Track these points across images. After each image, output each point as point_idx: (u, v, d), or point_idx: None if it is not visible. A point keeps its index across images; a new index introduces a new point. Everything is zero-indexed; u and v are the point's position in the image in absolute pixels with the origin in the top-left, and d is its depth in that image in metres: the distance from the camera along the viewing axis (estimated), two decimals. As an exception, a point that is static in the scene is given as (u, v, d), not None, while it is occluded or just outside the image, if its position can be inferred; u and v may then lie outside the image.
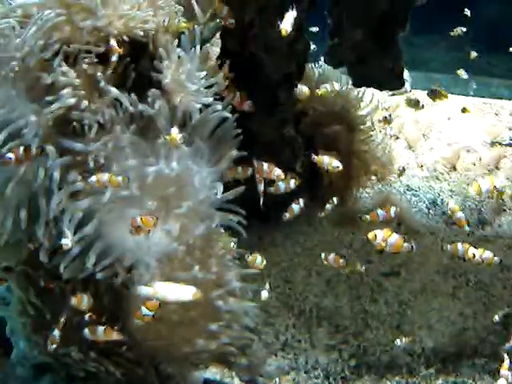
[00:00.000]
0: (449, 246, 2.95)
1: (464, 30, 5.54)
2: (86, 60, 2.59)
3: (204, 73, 2.72)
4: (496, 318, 3.34)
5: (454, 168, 5.10)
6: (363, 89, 4.46)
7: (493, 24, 6.89)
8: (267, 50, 3.67)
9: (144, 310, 2.49)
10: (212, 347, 2.98)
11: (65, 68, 2.54)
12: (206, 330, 2.93)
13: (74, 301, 2.62)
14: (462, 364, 3.48)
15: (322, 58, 3.73)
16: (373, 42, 3.45)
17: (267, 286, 3.12)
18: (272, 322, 3.69)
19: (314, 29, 4.19)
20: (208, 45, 2.87)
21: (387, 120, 4.72)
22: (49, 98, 2.51)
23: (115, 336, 2.62)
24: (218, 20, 2.92)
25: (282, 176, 2.94)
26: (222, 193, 2.89)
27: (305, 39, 3.76)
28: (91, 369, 2.86)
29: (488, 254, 2.87)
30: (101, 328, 2.61)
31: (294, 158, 4.10)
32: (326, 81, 4.39)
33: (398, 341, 3.30)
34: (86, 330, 2.61)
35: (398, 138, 5.39)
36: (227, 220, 2.94)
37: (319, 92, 3.62)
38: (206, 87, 2.76)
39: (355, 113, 4.48)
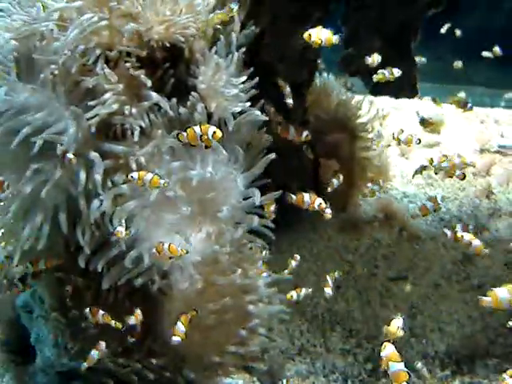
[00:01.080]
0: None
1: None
2: (128, 64, 2.61)
3: (241, 79, 2.77)
4: (510, 323, 3.45)
5: (451, 176, 5.22)
6: (363, 97, 4.57)
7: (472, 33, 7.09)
8: (279, 58, 3.73)
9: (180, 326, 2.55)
10: (241, 352, 3.02)
11: (107, 71, 2.56)
12: (236, 335, 2.97)
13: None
14: (476, 365, 3.58)
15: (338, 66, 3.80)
16: (389, 50, 3.55)
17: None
18: (286, 328, 3.74)
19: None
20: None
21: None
22: (91, 103, 2.52)
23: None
24: (252, 27, 2.97)
25: (323, 206, 3.01)
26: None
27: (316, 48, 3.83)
28: (124, 374, 2.85)
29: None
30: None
31: (301, 166, 4.17)
32: (328, 89, 4.51)
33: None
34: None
35: (389, 145, 5.49)
36: (256, 224, 3.00)
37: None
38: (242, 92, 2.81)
39: (356, 120, 4.57)
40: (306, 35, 2.79)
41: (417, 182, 5.19)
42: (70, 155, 2.43)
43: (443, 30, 5.25)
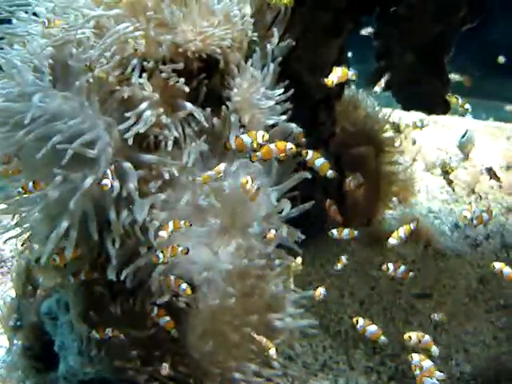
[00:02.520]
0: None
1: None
2: (164, 74, 2.62)
3: (277, 91, 2.78)
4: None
5: (473, 191, 5.22)
6: (390, 110, 4.57)
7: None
8: (310, 70, 3.73)
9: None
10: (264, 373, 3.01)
11: (143, 81, 2.57)
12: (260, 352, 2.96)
13: None
14: (502, 388, 3.56)
15: (369, 80, 3.80)
16: (423, 65, 3.54)
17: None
18: (309, 343, 3.73)
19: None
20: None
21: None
22: (128, 114, 2.52)
23: None
24: (289, 40, 2.97)
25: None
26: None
27: (346, 60, 3.84)
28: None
29: None
30: None
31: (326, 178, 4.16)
32: (356, 101, 4.52)
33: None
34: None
35: (414, 159, 5.49)
36: (285, 238, 2.99)
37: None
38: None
39: (383, 134, 4.57)
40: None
41: (442, 198, 5.17)
42: (106, 181, 2.42)
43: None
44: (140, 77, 2.60)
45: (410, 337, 2.77)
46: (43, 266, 2.81)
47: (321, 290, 3.07)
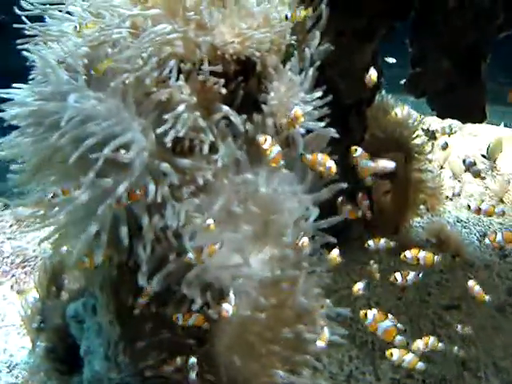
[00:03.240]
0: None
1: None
2: (201, 77, 2.58)
3: (315, 95, 2.73)
4: None
5: (502, 201, 5.16)
6: (422, 116, 4.52)
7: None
8: (343, 75, 3.68)
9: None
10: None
11: (181, 83, 2.53)
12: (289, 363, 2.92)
13: None
14: (533, 405, 3.50)
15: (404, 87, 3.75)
16: (459, 72, 3.49)
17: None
18: (335, 352, 3.68)
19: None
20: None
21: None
22: (166, 116, 2.49)
23: None
24: (328, 44, 2.93)
25: None
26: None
27: (378, 66, 3.79)
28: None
29: None
30: None
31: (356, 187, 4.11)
32: (387, 107, 4.46)
33: None
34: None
35: (442, 167, 5.44)
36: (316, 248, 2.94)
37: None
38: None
39: (413, 141, 4.51)
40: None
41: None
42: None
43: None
44: (177, 79, 2.55)
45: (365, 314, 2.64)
46: (71, 269, 2.77)
47: (359, 286, 3.01)
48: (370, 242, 3.07)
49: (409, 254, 3.00)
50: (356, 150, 2.73)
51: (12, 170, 2.68)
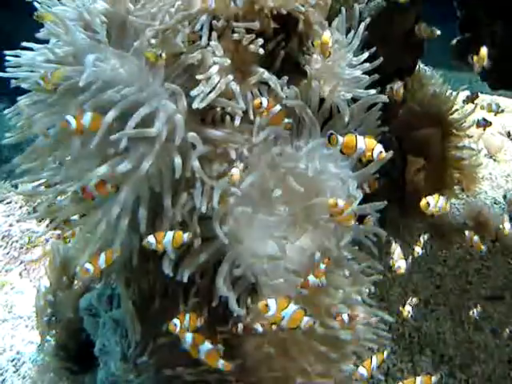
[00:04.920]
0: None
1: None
2: (236, 35, 2.27)
3: (363, 56, 2.42)
4: None
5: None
6: (460, 89, 4.20)
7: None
8: (383, 40, 3.37)
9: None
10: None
11: (214, 44, 2.23)
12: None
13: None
14: None
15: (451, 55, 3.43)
16: (514, 36, 3.17)
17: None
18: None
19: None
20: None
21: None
22: (200, 77, 2.18)
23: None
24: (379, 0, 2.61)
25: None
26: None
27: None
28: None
29: None
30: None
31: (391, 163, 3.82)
32: (424, 79, 4.15)
33: None
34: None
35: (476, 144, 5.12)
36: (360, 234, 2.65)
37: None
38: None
39: (451, 116, 4.20)
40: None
41: (508, 187, 4.81)
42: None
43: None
44: (209, 37, 2.24)
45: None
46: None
47: (401, 264, 2.71)
48: (430, 200, 2.70)
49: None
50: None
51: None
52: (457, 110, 4.18)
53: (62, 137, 2.18)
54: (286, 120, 2.28)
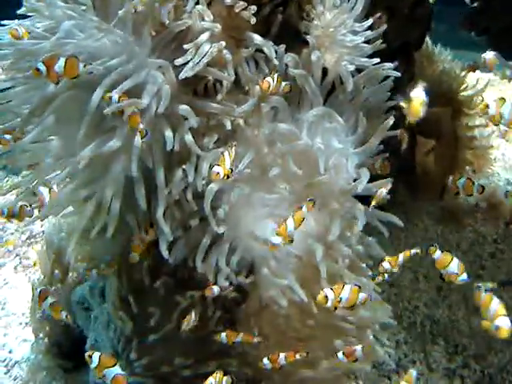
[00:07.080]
0: None
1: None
2: (228, 0, 2.12)
3: (367, 23, 2.27)
4: None
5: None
6: (468, 64, 4.05)
7: None
8: (388, 11, 3.22)
9: None
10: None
11: (200, 7, 2.08)
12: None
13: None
14: None
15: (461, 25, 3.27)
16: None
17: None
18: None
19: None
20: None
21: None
22: (187, 46, 2.03)
23: None
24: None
25: None
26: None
27: (428, 3, 3.33)
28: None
29: None
30: None
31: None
32: (433, 55, 4.02)
33: None
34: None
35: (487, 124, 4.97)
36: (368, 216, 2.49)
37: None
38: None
39: (462, 93, 4.05)
40: None
41: (520, 168, 4.68)
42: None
43: None
44: (197, 3, 2.09)
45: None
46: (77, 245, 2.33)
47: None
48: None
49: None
50: None
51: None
52: (467, 86, 4.04)
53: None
54: (284, 83, 2.14)
